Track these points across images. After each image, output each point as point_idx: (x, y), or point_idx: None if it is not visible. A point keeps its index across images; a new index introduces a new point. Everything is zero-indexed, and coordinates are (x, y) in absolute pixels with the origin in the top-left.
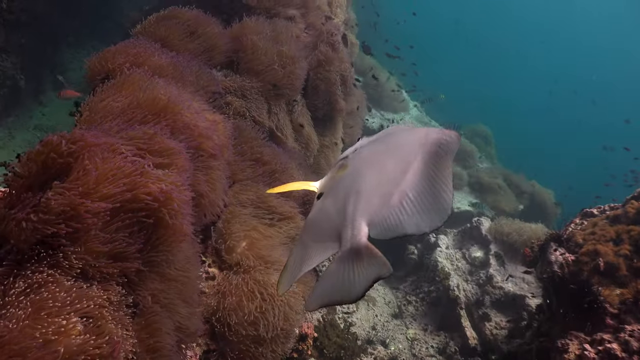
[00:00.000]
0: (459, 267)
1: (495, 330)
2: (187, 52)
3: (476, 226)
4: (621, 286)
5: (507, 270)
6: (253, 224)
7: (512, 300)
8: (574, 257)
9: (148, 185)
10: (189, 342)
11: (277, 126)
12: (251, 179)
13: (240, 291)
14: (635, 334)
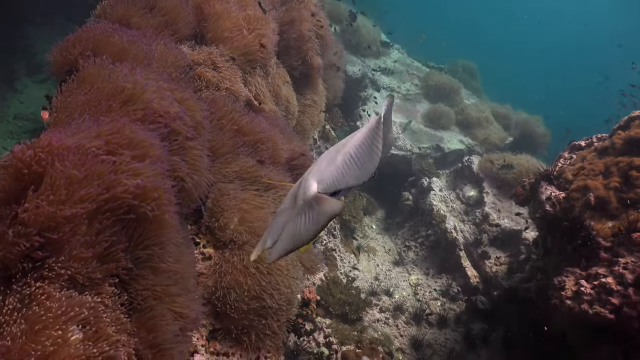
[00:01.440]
0: (454, 208)
1: (495, 267)
2: (149, 29)
3: (467, 165)
4: (613, 219)
5: (502, 206)
6: (242, 197)
7: (510, 236)
8: (564, 194)
9: (122, 181)
10: (193, 327)
11: (255, 93)
12: (234, 152)
13: (236, 268)
14: (629, 266)
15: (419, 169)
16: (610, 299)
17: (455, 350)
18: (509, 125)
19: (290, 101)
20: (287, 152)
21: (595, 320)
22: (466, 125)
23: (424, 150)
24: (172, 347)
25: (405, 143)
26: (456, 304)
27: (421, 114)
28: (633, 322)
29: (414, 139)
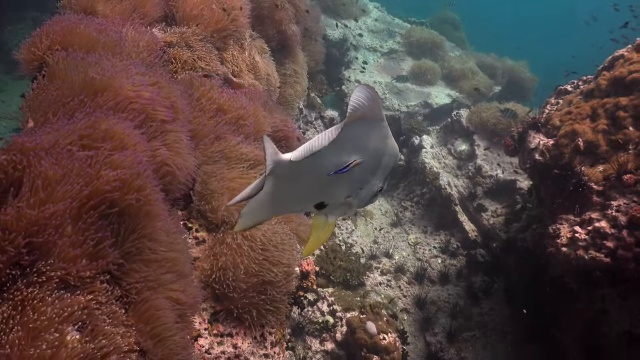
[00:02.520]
0: (446, 164)
1: (492, 219)
2: (117, 15)
3: (456, 119)
4: (603, 162)
5: (494, 158)
6: (230, 177)
7: (504, 186)
8: (553, 141)
9: (101, 175)
10: (192, 312)
11: (232, 69)
12: (216, 130)
13: (231, 248)
14: (622, 209)
15: (409, 127)
16: (605, 242)
17: (458, 304)
18: (495, 74)
19: (270, 73)
20: (270, 125)
21: (591, 265)
22: (452, 78)
23: (412, 108)
24: (173, 334)
25: (392, 103)
26: (456, 259)
27: (406, 71)
28: (629, 264)
29: (401, 98)
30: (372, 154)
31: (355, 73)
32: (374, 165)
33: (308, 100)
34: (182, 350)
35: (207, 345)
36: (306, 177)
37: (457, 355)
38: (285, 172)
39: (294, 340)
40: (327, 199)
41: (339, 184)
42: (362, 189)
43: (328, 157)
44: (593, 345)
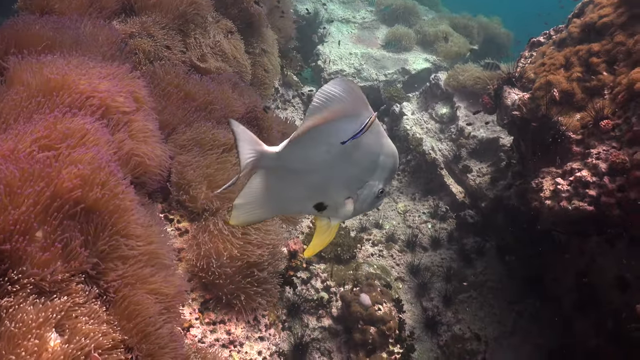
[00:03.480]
0: (429, 129)
1: (479, 179)
2: (73, 11)
3: (435, 83)
4: (580, 110)
5: (476, 118)
6: (205, 164)
7: (488, 145)
8: (529, 94)
9: (61, 175)
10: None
11: (198, 54)
12: (186, 119)
13: (214, 235)
14: (602, 156)
15: (389, 96)
16: (587, 191)
17: (452, 268)
18: (471, 33)
19: (239, 54)
20: (242, 107)
21: (576, 215)
22: (427, 43)
23: (391, 76)
24: (157, 329)
25: (370, 73)
26: (446, 222)
27: (381, 40)
28: (613, 210)
29: (379, 67)
30: (365, 152)
31: (330, 47)
32: (370, 165)
33: (284, 78)
34: (171, 342)
35: (200, 335)
36: (297, 171)
37: (455, 318)
38: (272, 165)
39: (291, 320)
40: (325, 199)
41: (334, 181)
42: (362, 190)
43: (316, 151)
44: (587, 294)
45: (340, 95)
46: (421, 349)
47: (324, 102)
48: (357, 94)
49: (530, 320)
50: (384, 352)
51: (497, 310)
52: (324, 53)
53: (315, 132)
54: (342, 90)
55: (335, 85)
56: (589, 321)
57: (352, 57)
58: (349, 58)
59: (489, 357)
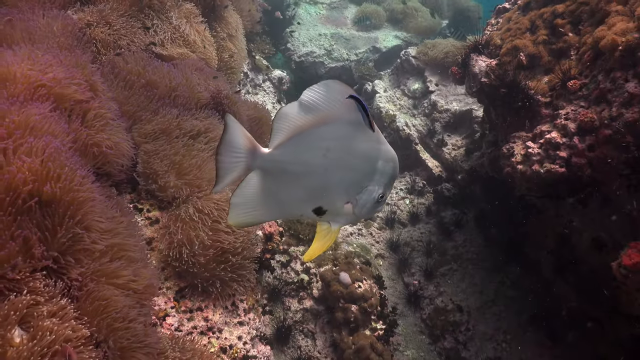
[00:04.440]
0: (402, 106)
1: (454, 152)
2: (25, 3)
3: (405, 59)
4: (548, 73)
5: (448, 91)
6: (172, 152)
7: (461, 117)
8: (496, 61)
9: (11, 166)
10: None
11: (159, 41)
12: (149, 107)
13: (185, 223)
14: (570, 116)
15: (360, 75)
16: (558, 153)
17: (432, 241)
18: (440, 7)
19: (203, 38)
20: (208, 92)
21: (548, 178)
22: (397, 20)
23: (362, 56)
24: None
25: (341, 53)
26: (424, 197)
27: (350, 19)
28: (584, 170)
29: (349, 47)
30: (363, 157)
31: (299, 29)
32: (368, 170)
33: (253, 63)
34: (144, 337)
35: (177, 323)
36: (293, 173)
37: (436, 291)
38: (266, 165)
39: (272, 304)
40: (324, 203)
41: (332, 185)
42: (361, 195)
43: (313, 154)
44: (565, 258)
45: (335, 97)
46: (405, 323)
47: (318, 103)
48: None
49: (512, 288)
50: (366, 329)
51: (479, 280)
52: (292, 36)
53: (311, 135)
54: (337, 92)
55: (329, 86)
56: (568, 284)
57: (321, 39)
58: (319, 39)
59: (472, 327)
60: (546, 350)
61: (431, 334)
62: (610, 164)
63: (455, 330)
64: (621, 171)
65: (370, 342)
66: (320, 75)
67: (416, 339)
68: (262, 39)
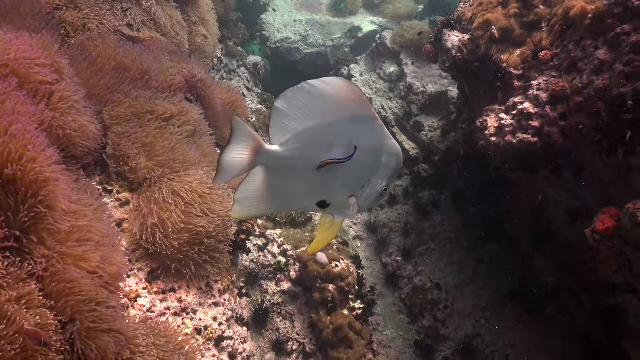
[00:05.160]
0: (378, 89)
1: (430, 134)
2: None
3: (381, 42)
4: (520, 46)
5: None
6: (143, 135)
7: (437, 99)
8: (468, 35)
9: None
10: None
11: (129, 23)
12: (120, 90)
13: (157, 205)
14: (542, 86)
15: (336, 60)
16: (530, 123)
17: (409, 222)
18: None
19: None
20: (181, 76)
21: (521, 148)
22: (373, 5)
23: (338, 41)
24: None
25: (317, 39)
26: (401, 179)
27: (325, 5)
28: (556, 139)
29: (325, 32)
30: (368, 152)
31: (274, 15)
32: (372, 164)
33: (227, 48)
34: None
35: (149, 304)
36: (297, 169)
37: (415, 270)
38: (271, 162)
39: (249, 287)
40: (327, 197)
41: (336, 180)
42: (365, 188)
43: (317, 151)
44: (542, 232)
45: (338, 93)
46: (383, 304)
47: (320, 100)
48: (358, 94)
49: (490, 265)
50: (345, 309)
51: (457, 259)
52: (267, 22)
53: (315, 131)
54: (341, 88)
55: (333, 83)
56: (546, 258)
57: (297, 24)
58: (294, 25)
59: (451, 305)
60: (525, 325)
61: (410, 313)
62: (582, 132)
63: (434, 309)
64: (593, 137)
65: (348, 321)
66: (296, 61)
67: (395, 319)
68: (236, 24)
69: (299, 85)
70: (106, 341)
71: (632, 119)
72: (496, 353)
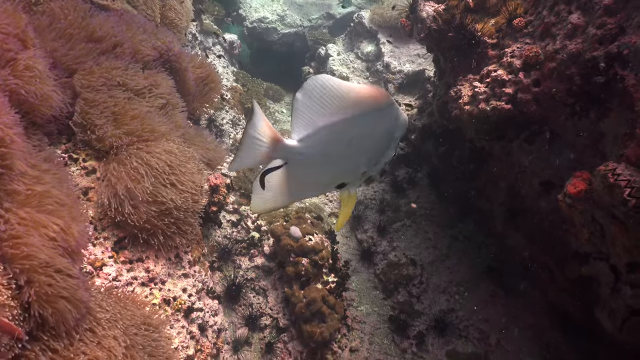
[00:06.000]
0: (356, 68)
1: (407, 112)
2: None
3: (358, 21)
4: (494, 15)
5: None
6: (113, 102)
7: (414, 78)
8: (443, 5)
9: None
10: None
11: None
12: (92, 60)
13: (126, 173)
14: (516, 53)
15: (314, 39)
16: (504, 90)
17: (385, 199)
18: None
19: None
20: (154, 48)
21: (495, 115)
22: None
23: (316, 22)
24: (53, 272)
25: (294, 19)
26: None
27: None
28: (529, 106)
29: (302, 13)
30: (382, 135)
31: None
32: (387, 141)
33: (202, 26)
34: (72, 288)
35: (115, 273)
36: (317, 164)
37: (390, 246)
38: (290, 157)
39: (223, 263)
40: (346, 179)
41: (354, 166)
42: (380, 161)
43: (338, 146)
44: (517, 206)
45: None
46: (358, 280)
47: (341, 93)
48: (380, 90)
49: (465, 241)
50: (318, 282)
51: (432, 235)
52: (245, 1)
53: (336, 127)
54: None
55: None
56: (520, 232)
57: (274, 4)
58: (271, 5)
59: (426, 280)
60: (498, 300)
61: (385, 289)
62: (555, 98)
63: (409, 284)
64: (565, 101)
65: (322, 294)
66: (273, 41)
67: (370, 295)
68: (212, 1)
69: (319, 79)
70: (64, 306)
71: (605, 82)
72: (470, 328)
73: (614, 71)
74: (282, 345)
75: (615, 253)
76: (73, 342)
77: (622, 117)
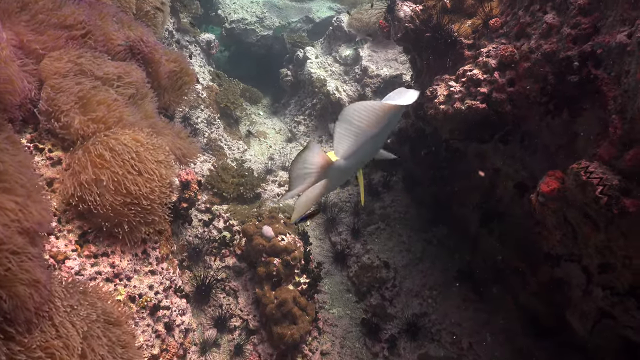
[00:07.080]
0: (333, 72)
1: None
2: None
3: (337, 25)
4: (471, 16)
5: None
6: (79, 88)
7: (391, 82)
8: (421, 6)
9: None
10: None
11: None
12: (62, 46)
13: (92, 163)
14: (492, 53)
15: (292, 42)
16: (479, 89)
17: (359, 202)
18: None
19: None
20: (126, 39)
21: (470, 114)
22: None
23: (295, 25)
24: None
25: (273, 21)
26: None
27: None
28: (504, 106)
29: (282, 16)
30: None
31: None
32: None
33: (179, 23)
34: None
35: (78, 267)
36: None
37: (363, 248)
38: (335, 174)
39: (192, 262)
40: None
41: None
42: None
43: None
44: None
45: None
46: (331, 282)
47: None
48: None
49: (439, 245)
50: (290, 283)
51: (406, 238)
52: (224, 2)
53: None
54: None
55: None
56: (493, 236)
57: (253, 5)
58: (250, 6)
59: (399, 284)
60: (470, 304)
61: (358, 292)
62: (529, 98)
63: (382, 287)
64: (539, 100)
65: (293, 295)
66: (251, 42)
67: (342, 297)
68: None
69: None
70: (23, 289)
71: (578, 81)
72: (443, 331)
73: (588, 70)
74: (251, 347)
75: (587, 254)
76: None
77: (596, 116)
